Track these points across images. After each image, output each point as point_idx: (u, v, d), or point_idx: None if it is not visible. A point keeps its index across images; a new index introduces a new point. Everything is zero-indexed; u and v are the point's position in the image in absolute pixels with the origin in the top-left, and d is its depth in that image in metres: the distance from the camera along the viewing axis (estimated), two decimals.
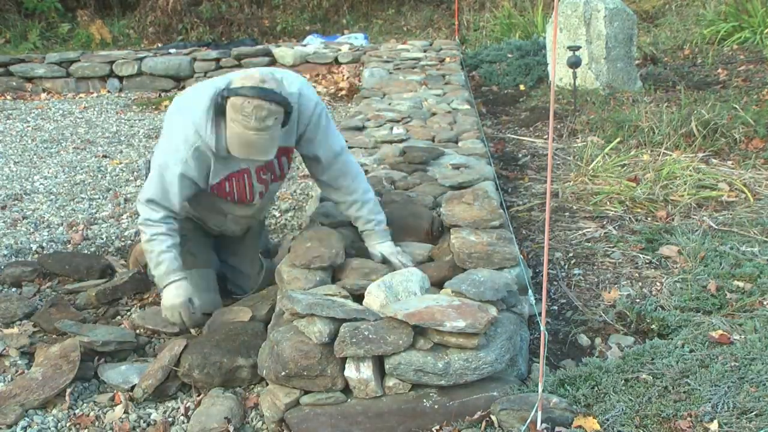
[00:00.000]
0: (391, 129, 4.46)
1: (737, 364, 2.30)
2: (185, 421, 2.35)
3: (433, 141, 4.23)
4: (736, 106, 5.05)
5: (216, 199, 2.77)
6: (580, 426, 2.07)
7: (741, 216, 3.65)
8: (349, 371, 2.20)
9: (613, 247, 3.44)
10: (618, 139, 4.78)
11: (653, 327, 2.72)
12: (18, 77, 8.14)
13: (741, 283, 2.91)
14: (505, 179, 4.50)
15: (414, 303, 2.27)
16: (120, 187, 4.84)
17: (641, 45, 7.37)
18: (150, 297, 3.18)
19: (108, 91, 8.01)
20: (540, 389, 2.06)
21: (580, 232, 3.64)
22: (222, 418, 2.29)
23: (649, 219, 3.74)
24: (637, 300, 2.95)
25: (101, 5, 11.27)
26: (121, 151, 5.74)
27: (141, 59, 8.02)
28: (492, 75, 7.16)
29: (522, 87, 6.79)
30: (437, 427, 2.18)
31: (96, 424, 2.35)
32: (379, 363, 2.22)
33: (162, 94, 7.83)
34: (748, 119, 4.75)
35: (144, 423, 2.36)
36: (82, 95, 7.94)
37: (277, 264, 2.73)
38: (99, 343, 2.64)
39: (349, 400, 2.23)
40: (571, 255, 3.40)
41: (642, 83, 6.32)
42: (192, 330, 2.81)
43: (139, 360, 2.70)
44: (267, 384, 2.33)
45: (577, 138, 5.12)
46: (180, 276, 2.66)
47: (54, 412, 2.39)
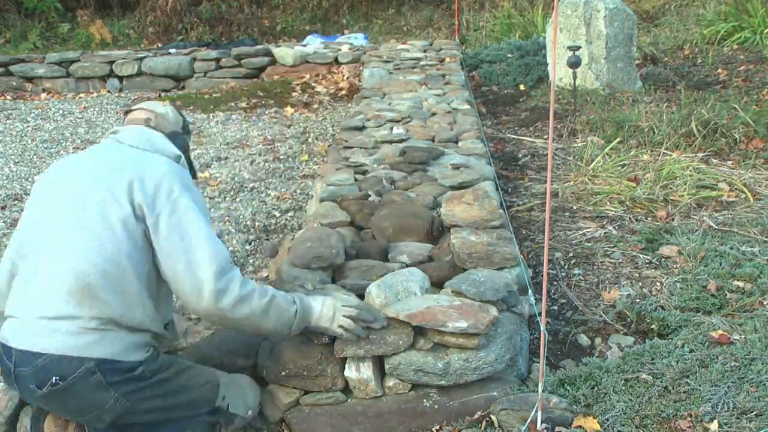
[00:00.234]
0: (391, 129, 4.46)
1: (737, 364, 2.30)
2: None
3: (433, 141, 4.22)
4: (736, 106, 5.05)
5: None
6: (580, 426, 2.07)
7: (741, 216, 3.65)
8: (349, 371, 2.20)
9: (613, 247, 3.44)
10: (618, 139, 4.78)
11: (653, 327, 2.72)
12: (18, 77, 8.13)
13: (741, 283, 2.91)
14: (505, 179, 4.50)
15: (415, 303, 2.27)
16: None
17: (641, 45, 7.37)
18: None
19: (108, 91, 8.01)
20: (540, 389, 2.06)
21: (580, 232, 3.64)
22: None
23: (649, 219, 3.74)
24: (637, 300, 2.95)
25: (101, 5, 11.27)
26: None
27: (141, 59, 8.02)
28: (492, 75, 7.16)
29: (522, 87, 6.78)
30: (437, 427, 2.18)
31: None
32: (379, 363, 2.23)
33: (162, 94, 7.83)
34: (748, 119, 4.75)
35: None
36: (82, 95, 7.94)
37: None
38: None
39: (349, 400, 2.23)
40: (571, 255, 3.40)
41: (642, 83, 6.32)
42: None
43: None
44: (267, 384, 2.33)
45: (577, 138, 5.12)
46: (302, 295, 2.18)
47: None
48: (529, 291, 2.58)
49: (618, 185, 4.06)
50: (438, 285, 2.51)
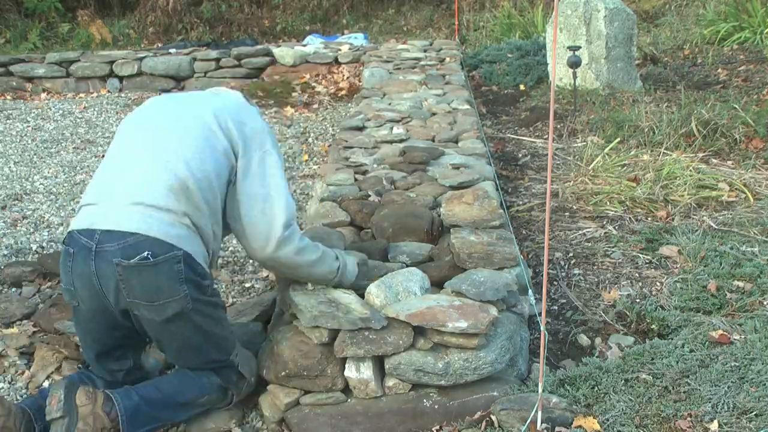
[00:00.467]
0: (391, 129, 4.46)
1: (737, 364, 2.30)
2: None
3: (433, 141, 4.22)
4: (736, 106, 5.05)
5: None
6: (580, 426, 2.07)
7: (741, 216, 3.65)
8: (349, 371, 2.20)
9: (613, 247, 3.44)
10: (618, 139, 4.78)
11: (653, 327, 2.72)
12: (18, 77, 8.13)
13: (741, 283, 2.91)
14: (505, 179, 4.50)
15: (416, 303, 2.27)
16: None
17: (641, 45, 7.36)
18: None
19: (108, 91, 8.01)
20: (540, 389, 2.06)
21: (580, 232, 3.64)
22: (220, 418, 2.29)
23: (649, 219, 3.74)
24: (637, 300, 2.95)
25: (101, 5, 11.26)
26: None
27: (141, 59, 8.02)
28: (492, 75, 7.16)
29: (522, 87, 6.78)
30: (437, 427, 2.18)
31: None
32: (379, 363, 2.23)
33: (162, 94, 7.83)
34: (748, 119, 4.75)
35: None
36: (82, 95, 7.94)
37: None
38: None
39: (349, 400, 2.23)
40: (571, 255, 3.40)
41: (642, 83, 6.32)
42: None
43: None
44: (267, 384, 2.33)
45: (577, 138, 5.12)
46: (341, 252, 2.49)
47: None
48: (529, 291, 2.58)
49: (618, 185, 4.06)
50: (438, 285, 2.51)
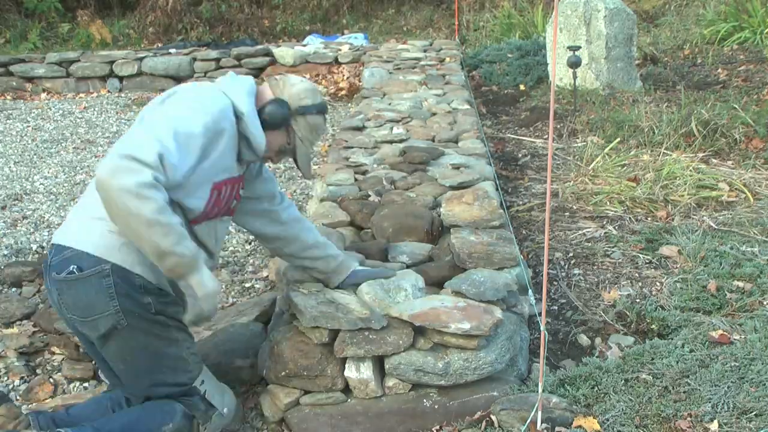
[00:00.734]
0: (391, 129, 4.46)
1: (737, 364, 2.30)
2: None
3: (433, 141, 4.22)
4: (736, 106, 5.05)
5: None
6: (580, 426, 2.07)
7: (741, 216, 3.65)
8: (349, 371, 2.20)
9: (613, 247, 3.44)
10: (618, 139, 4.78)
11: (653, 327, 2.72)
12: (18, 77, 8.14)
13: (741, 283, 2.91)
14: (505, 179, 4.50)
15: (419, 304, 2.27)
16: None
17: (641, 45, 7.36)
18: None
19: (108, 91, 8.01)
20: (540, 389, 2.06)
21: (580, 232, 3.64)
22: None
23: (649, 219, 3.74)
24: (637, 300, 2.95)
25: (101, 5, 11.26)
26: None
27: (141, 59, 8.02)
28: (492, 75, 7.16)
29: (522, 87, 6.78)
30: (437, 427, 2.18)
31: None
32: (379, 363, 2.23)
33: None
34: (748, 119, 4.75)
35: None
36: (82, 95, 7.94)
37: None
38: None
39: (349, 400, 2.23)
40: (571, 255, 3.40)
41: (642, 83, 6.32)
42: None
43: None
44: (267, 384, 2.33)
45: (577, 138, 5.12)
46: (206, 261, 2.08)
47: None
48: (529, 291, 2.58)
49: (618, 185, 4.06)
50: (438, 285, 2.51)
